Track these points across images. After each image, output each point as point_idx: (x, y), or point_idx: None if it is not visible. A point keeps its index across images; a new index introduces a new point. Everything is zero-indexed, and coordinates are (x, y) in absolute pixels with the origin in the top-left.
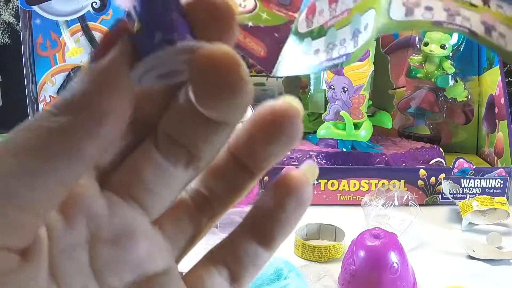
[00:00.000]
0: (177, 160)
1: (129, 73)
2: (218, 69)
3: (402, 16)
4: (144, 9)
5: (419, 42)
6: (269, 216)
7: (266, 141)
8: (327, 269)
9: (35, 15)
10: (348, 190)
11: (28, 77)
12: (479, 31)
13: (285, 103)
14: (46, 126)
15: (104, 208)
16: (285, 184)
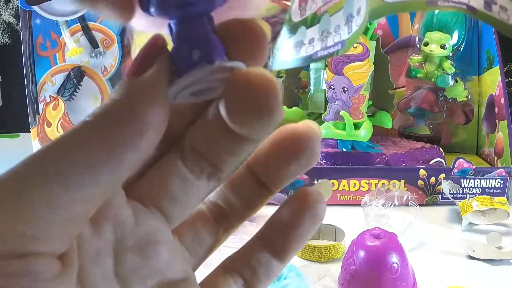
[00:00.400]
0: (201, 172)
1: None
2: (257, 91)
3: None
4: (181, 28)
5: (419, 42)
6: (284, 230)
7: (286, 161)
8: (327, 269)
9: (35, 15)
10: (348, 190)
11: (28, 77)
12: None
13: (305, 126)
14: (89, 136)
15: (130, 216)
16: (301, 200)
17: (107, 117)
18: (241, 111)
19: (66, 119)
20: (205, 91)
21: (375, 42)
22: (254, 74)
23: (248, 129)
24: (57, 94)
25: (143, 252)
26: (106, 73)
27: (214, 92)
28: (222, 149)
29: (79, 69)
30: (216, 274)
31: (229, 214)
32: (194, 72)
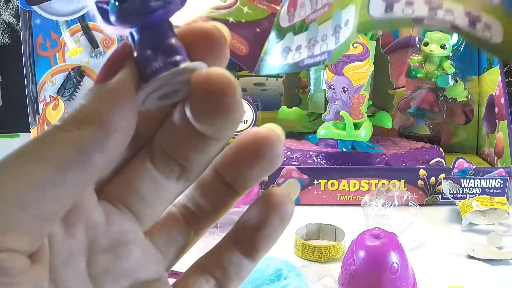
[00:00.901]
0: (170, 173)
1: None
2: (216, 90)
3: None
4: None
5: (419, 42)
6: (253, 230)
7: (249, 164)
8: (327, 269)
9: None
10: (348, 190)
11: (28, 77)
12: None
13: (268, 130)
14: (58, 140)
15: (102, 217)
16: (268, 201)
17: (75, 120)
18: (203, 110)
19: None
20: (171, 94)
21: (375, 42)
22: (214, 74)
23: (211, 128)
24: (57, 94)
25: (115, 252)
26: None
27: (179, 95)
28: (189, 149)
29: (79, 69)
30: (188, 274)
31: (199, 216)
32: (160, 76)
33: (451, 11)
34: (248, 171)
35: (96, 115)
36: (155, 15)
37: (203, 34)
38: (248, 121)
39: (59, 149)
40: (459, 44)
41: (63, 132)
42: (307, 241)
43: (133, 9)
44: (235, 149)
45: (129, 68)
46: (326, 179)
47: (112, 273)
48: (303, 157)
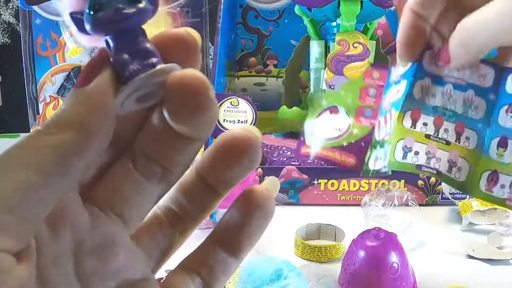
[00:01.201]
0: (152, 175)
1: (114, 97)
2: (190, 90)
3: (400, 158)
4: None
5: None
6: (236, 229)
7: (229, 165)
8: (327, 269)
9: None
10: (348, 190)
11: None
12: (443, 170)
13: (246, 131)
14: (40, 144)
15: (87, 220)
16: (249, 199)
17: (56, 124)
18: (178, 110)
19: None
20: (148, 96)
21: (375, 42)
22: (187, 75)
23: (187, 127)
24: (57, 94)
25: (101, 254)
26: None
27: (156, 97)
28: (169, 150)
29: (79, 69)
30: (174, 274)
31: (183, 218)
32: (138, 77)
33: (439, 159)
34: (228, 171)
35: (76, 119)
36: (129, 22)
37: (176, 39)
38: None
39: (41, 152)
40: None
41: (45, 136)
42: (307, 241)
43: (107, 17)
44: (215, 151)
45: (106, 73)
46: (326, 179)
47: (99, 274)
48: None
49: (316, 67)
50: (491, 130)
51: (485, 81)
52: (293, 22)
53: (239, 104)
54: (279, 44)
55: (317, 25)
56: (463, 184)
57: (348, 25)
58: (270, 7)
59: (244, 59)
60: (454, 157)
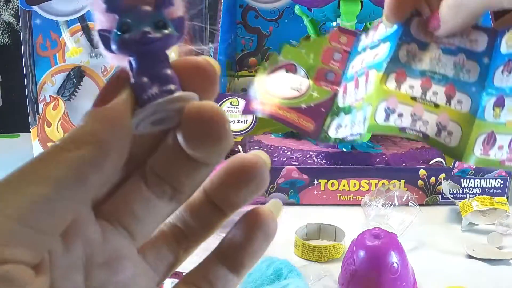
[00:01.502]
0: (163, 194)
1: (131, 118)
2: (206, 121)
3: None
4: (141, 64)
5: None
6: (239, 247)
7: (236, 189)
8: (327, 269)
9: (35, 15)
10: (348, 190)
11: (28, 77)
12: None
13: (254, 156)
14: (58, 159)
15: (98, 234)
16: (253, 220)
17: (74, 141)
18: (195, 139)
19: (66, 119)
20: (163, 121)
21: None
22: (206, 106)
23: (202, 154)
24: (57, 94)
25: (110, 268)
26: (106, 73)
27: (171, 122)
28: (180, 173)
29: (79, 69)
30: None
31: (188, 235)
32: (154, 103)
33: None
34: (235, 194)
35: (94, 136)
36: (153, 46)
37: (197, 67)
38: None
39: (59, 167)
40: None
41: (62, 152)
42: (307, 241)
43: (133, 39)
44: (223, 173)
45: (126, 94)
46: (326, 179)
47: (108, 286)
48: (303, 157)
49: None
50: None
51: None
52: (293, 22)
53: (239, 104)
54: (279, 44)
55: (317, 25)
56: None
57: (348, 25)
58: (270, 7)
59: (244, 59)
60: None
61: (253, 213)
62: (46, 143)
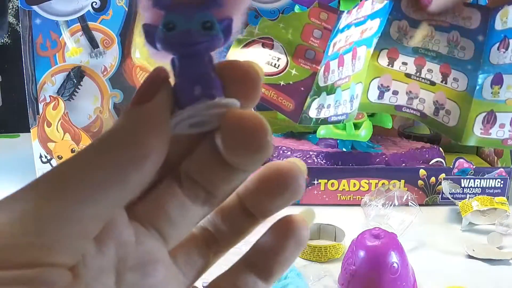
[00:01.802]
0: (197, 198)
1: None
2: (248, 132)
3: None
4: (184, 64)
5: None
6: (269, 255)
7: (271, 195)
8: (327, 269)
9: (35, 15)
10: (348, 190)
11: (28, 77)
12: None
13: (290, 164)
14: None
15: (132, 236)
16: (285, 227)
17: (113, 142)
18: (236, 147)
19: (66, 119)
20: (201, 124)
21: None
22: (248, 115)
23: (241, 162)
24: (57, 94)
25: (143, 271)
26: (106, 73)
27: (209, 126)
28: (216, 178)
29: (79, 69)
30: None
31: (218, 239)
32: (195, 106)
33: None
34: (269, 201)
35: (134, 137)
36: (198, 47)
37: (241, 72)
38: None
39: (99, 169)
40: None
41: (102, 154)
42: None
43: (178, 38)
44: (259, 180)
45: (165, 93)
46: (326, 179)
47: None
48: (303, 157)
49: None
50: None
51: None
52: None
53: None
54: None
55: None
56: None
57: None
58: (270, 7)
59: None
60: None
61: (285, 220)
62: (46, 143)
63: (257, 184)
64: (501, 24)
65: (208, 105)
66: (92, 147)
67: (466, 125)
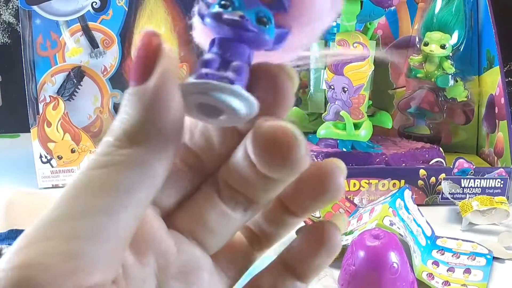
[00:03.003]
0: (236, 205)
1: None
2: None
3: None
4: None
5: (419, 42)
6: (303, 259)
7: (313, 197)
8: (327, 269)
9: (35, 15)
10: (348, 190)
11: (28, 77)
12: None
13: (331, 163)
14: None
15: (172, 246)
16: (318, 233)
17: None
18: (269, 162)
19: (66, 119)
20: (210, 110)
21: (375, 42)
22: (280, 126)
23: (276, 176)
24: (57, 94)
25: (186, 279)
26: (106, 73)
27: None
28: (254, 186)
29: (79, 69)
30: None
31: (261, 238)
32: (207, 81)
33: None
34: (311, 202)
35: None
36: (246, 34)
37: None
38: None
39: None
40: (459, 44)
41: (121, 150)
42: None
43: (231, 18)
44: (299, 181)
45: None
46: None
47: None
48: None
49: (316, 67)
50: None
51: None
52: None
53: None
54: None
55: None
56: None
57: (348, 25)
58: None
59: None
60: None
61: (320, 227)
62: (46, 143)
63: (298, 186)
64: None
65: (221, 86)
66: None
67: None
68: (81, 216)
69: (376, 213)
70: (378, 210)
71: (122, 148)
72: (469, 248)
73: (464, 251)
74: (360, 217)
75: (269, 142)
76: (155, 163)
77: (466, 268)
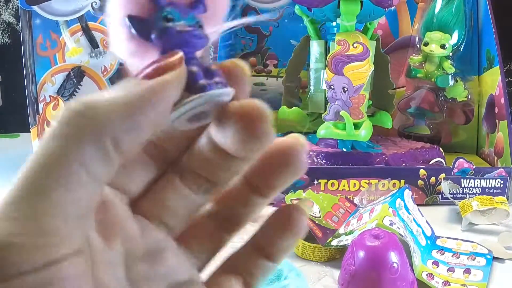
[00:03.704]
0: (198, 188)
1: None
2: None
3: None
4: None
5: (419, 42)
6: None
7: (276, 173)
8: (327, 269)
9: (35, 15)
10: (348, 190)
11: (28, 77)
12: None
13: (292, 139)
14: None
15: (137, 230)
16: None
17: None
18: (239, 138)
19: None
20: (199, 117)
21: (375, 42)
22: (250, 103)
23: (245, 152)
24: (57, 94)
25: (151, 260)
26: (106, 73)
27: (205, 118)
28: (216, 168)
29: (79, 69)
30: (219, 273)
31: (231, 219)
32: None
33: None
34: (275, 179)
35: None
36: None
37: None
38: None
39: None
40: (459, 44)
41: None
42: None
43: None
44: (262, 160)
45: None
46: (326, 179)
47: (150, 278)
48: None
49: (316, 67)
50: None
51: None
52: (293, 22)
53: None
54: (279, 44)
55: (317, 25)
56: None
57: (348, 25)
58: (270, 7)
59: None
60: None
61: (285, 212)
62: None
63: (261, 163)
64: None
65: (219, 93)
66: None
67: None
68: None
69: (376, 213)
70: (378, 210)
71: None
72: (469, 248)
73: (464, 251)
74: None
75: (242, 117)
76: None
77: (466, 268)
